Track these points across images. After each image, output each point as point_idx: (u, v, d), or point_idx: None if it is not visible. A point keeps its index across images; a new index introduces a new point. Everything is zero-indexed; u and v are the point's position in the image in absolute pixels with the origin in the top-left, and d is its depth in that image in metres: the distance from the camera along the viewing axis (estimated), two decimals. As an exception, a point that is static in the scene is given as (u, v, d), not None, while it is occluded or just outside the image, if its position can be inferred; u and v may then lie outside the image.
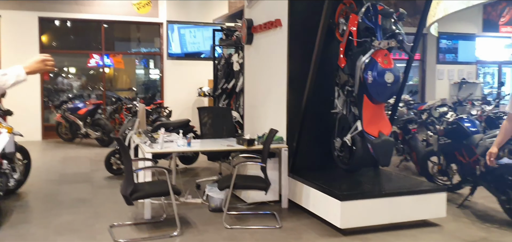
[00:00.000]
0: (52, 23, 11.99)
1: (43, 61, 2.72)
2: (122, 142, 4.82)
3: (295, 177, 5.59)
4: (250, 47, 6.84)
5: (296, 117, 5.59)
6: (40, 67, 2.73)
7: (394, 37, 4.81)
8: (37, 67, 2.72)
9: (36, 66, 2.72)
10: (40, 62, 2.72)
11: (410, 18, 11.65)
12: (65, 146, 10.64)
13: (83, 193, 6.43)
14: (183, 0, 12.41)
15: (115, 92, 12.98)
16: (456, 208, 5.70)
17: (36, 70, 2.73)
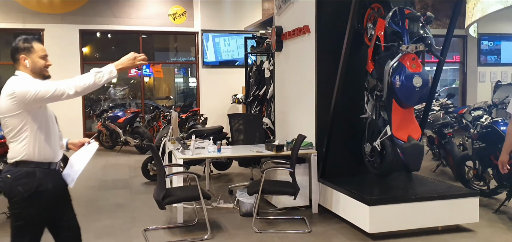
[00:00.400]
0: (92, 35, 12.50)
1: (134, 58, 2.97)
2: (154, 148, 5.00)
3: (325, 182, 5.61)
4: (280, 54, 6.92)
5: (325, 122, 5.61)
6: (131, 64, 2.98)
7: (422, 41, 4.76)
8: (129, 63, 2.97)
9: (128, 63, 2.97)
10: (131, 60, 2.97)
11: (447, 20, 11.39)
12: (106, 154, 11.03)
13: (121, 199, 6.67)
14: (217, 9, 12.65)
15: (153, 101, 13.35)
16: (492, 214, 5.55)
17: (127, 67, 2.98)
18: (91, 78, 2.86)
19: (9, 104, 2.78)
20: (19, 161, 2.83)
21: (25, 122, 2.81)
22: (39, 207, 2.87)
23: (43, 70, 2.98)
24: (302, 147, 5.49)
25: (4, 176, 2.87)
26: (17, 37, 3.00)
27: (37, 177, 2.84)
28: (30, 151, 2.83)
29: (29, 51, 2.94)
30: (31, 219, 2.87)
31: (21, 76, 2.91)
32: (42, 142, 2.88)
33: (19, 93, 2.76)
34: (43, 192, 2.87)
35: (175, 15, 12.44)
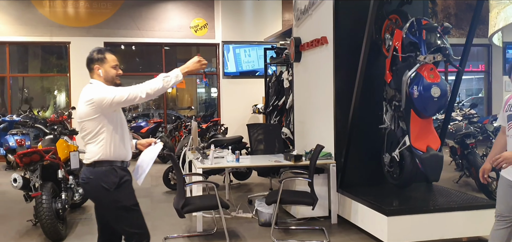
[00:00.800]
0: (117, 47, 12.80)
1: (199, 62, 3.17)
2: (174, 158, 5.10)
3: (344, 192, 5.61)
4: (298, 65, 6.98)
5: (343, 133, 5.62)
6: (196, 67, 3.18)
7: (440, 51, 4.75)
8: (194, 67, 3.18)
9: (193, 66, 3.18)
10: (196, 63, 3.18)
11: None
12: (129, 163, 11.22)
13: (143, 207, 6.61)
14: (237, 21, 12.81)
15: (175, 111, 13.56)
16: (514, 226, 5.44)
17: (192, 70, 3.19)
18: (160, 82, 3.08)
19: (88, 110, 3.05)
20: (96, 161, 3.09)
21: (102, 124, 3.07)
22: (126, 194, 3.17)
23: (114, 78, 3.24)
24: (321, 157, 5.51)
25: (87, 178, 3.12)
26: (92, 49, 3.28)
27: (117, 172, 3.12)
28: (107, 151, 3.08)
29: (102, 61, 3.21)
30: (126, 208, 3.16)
31: (95, 84, 3.17)
32: (117, 142, 3.13)
33: (97, 99, 3.03)
34: (126, 181, 3.18)
35: (197, 27, 12.64)
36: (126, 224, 3.20)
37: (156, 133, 11.28)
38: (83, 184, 3.18)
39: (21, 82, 13.45)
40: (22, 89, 13.52)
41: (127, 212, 3.17)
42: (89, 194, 3.23)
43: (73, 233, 5.53)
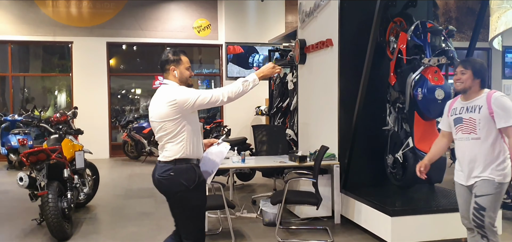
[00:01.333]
0: (119, 47, 12.85)
1: (273, 67, 3.30)
2: (180, 158, 5.13)
3: (348, 193, 5.67)
4: (303, 67, 7.03)
5: (347, 134, 5.68)
6: (271, 72, 3.31)
7: (444, 54, 4.82)
8: (269, 72, 3.30)
9: (268, 71, 3.30)
10: (271, 69, 3.31)
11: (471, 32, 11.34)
12: (131, 164, 11.27)
13: (147, 207, 6.83)
14: (241, 23, 12.86)
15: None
16: (516, 227, 5.52)
17: (267, 75, 3.31)
18: (239, 86, 3.19)
19: (169, 110, 3.14)
20: (178, 158, 3.17)
21: (183, 125, 3.17)
22: (201, 195, 3.28)
23: (188, 79, 3.34)
24: (325, 158, 5.57)
25: (166, 174, 3.20)
26: (166, 50, 3.40)
27: (195, 170, 3.22)
28: (187, 149, 3.19)
29: (178, 62, 3.31)
30: (198, 208, 3.28)
31: (171, 84, 3.27)
32: (195, 142, 3.24)
33: (180, 101, 3.12)
34: (203, 181, 3.29)
35: (200, 28, 12.70)
36: (191, 223, 3.30)
37: (158, 133, 11.31)
38: (160, 179, 3.23)
39: (22, 82, 13.48)
40: (23, 89, 13.54)
41: (196, 211, 3.29)
42: (166, 188, 3.26)
43: (78, 232, 5.57)
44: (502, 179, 3.34)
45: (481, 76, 3.44)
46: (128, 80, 13.80)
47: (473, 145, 3.39)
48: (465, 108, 3.46)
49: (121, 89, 13.65)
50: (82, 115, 9.72)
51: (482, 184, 3.36)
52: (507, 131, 3.30)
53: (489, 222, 3.35)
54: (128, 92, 13.90)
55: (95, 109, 12.02)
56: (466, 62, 3.51)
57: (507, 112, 3.29)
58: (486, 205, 3.33)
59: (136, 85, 14.08)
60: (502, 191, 3.38)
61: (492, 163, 3.34)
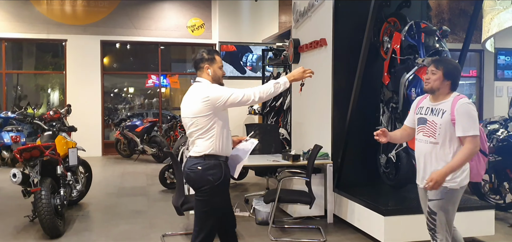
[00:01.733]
0: (113, 46, 12.81)
1: (304, 71, 3.43)
2: (174, 156, 5.14)
3: (340, 192, 5.69)
4: (297, 66, 7.04)
5: (341, 133, 5.70)
6: (301, 76, 3.44)
7: (438, 54, 4.85)
8: (299, 76, 3.43)
9: (299, 75, 3.43)
10: (301, 73, 3.43)
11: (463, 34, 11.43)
12: (124, 162, 11.24)
13: (140, 205, 6.82)
14: (234, 22, 12.86)
15: (170, 111, 13.57)
16: (508, 227, 5.57)
17: (297, 79, 3.45)
18: (271, 87, 3.33)
19: (202, 107, 3.28)
20: (207, 154, 3.31)
21: (214, 121, 3.30)
22: (223, 193, 3.41)
23: (220, 78, 3.47)
24: (318, 157, 5.58)
25: (194, 167, 3.33)
26: (201, 49, 3.50)
27: (222, 167, 3.34)
28: (216, 146, 3.32)
29: (212, 61, 3.43)
30: (216, 205, 3.37)
31: (204, 82, 3.41)
32: (224, 139, 3.36)
33: (212, 98, 3.27)
34: (227, 180, 3.40)
35: (194, 27, 12.69)
36: (206, 219, 3.38)
37: (151, 132, 11.29)
38: (189, 172, 3.37)
39: (15, 80, 13.38)
40: (16, 86, 13.45)
41: (214, 209, 3.37)
42: (193, 182, 3.42)
43: (71, 230, 5.55)
44: (456, 185, 3.28)
45: (452, 78, 3.35)
46: (121, 78, 13.76)
47: (430, 149, 3.34)
48: (430, 110, 3.40)
49: (114, 88, 13.61)
50: (75, 113, 9.68)
51: None
52: (463, 140, 3.23)
53: (440, 226, 3.34)
54: (121, 91, 13.86)
55: (88, 107, 11.97)
56: (439, 62, 3.43)
57: (468, 122, 3.21)
58: (437, 209, 3.32)
59: (129, 83, 14.04)
60: (454, 196, 3.32)
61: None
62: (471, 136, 3.20)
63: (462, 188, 3.32)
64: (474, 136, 3.21)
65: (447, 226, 3.35)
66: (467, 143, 3.21)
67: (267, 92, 3.31)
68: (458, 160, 3.23)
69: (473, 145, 3.21)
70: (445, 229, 3.35)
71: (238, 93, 3.29)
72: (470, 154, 3.23)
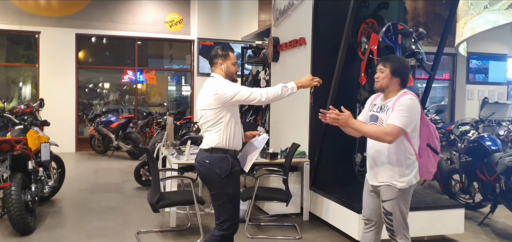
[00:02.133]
0: (88, 39, 12.58)
1: (312, 79, 3.53)
2: (150, 152, 5.08)
3: (316, 190, 5.73)
4: (276, 65, 7.06)
5: (318, 133, 5.74)
6: (309, 84, 3.53)
7: (414, 56, 4.92)
8: (307, 83, 3.53)
9: (307, 83, 3.54)
10: (309, 80, 3.54)
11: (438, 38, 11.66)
12: (98, 158, 11.06)
13: (114, 202, 6.73)
14: (213, 19, 12.81)
15: (146, 108, 13.42)
16: (476, 226, 5.71)
17: (306, 86, 3.54)
18: (279, 90, 3.45)
19: (211, 100, 3.41)
20: (213, 147, 3.44)
21: (222, 115, 3.42)
22: (234, 184, 3.50)
23: (233, 74, 3.59)
24: (295, 156, 5.61)
25: (202, 161, 3.48)
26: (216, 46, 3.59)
27: (229, 160, 3.44)
28: (223, 139, 3.43)
29: (226, 58, 3.55)
30: (230, 196, 3.49)
31: (217, 77, 3.52)
32: (232, 133, 3.47)
33: (220, 93, 3.38)
34: (236, 171, 3.51)
35: (172, 22, 12.58)
36: (224, 209, 3.49)
37: (126, 128, 11.15)
38: (198, 165, 3.53)
39: (-16, 72, 13.01)
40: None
41: (229, 199, 3.48)
42: (202, 175, 3.56)
43: (42, 226, 5.43)
44: (405, 185, 3.32)
45: (400, 75, 3.36)
46: (97, 73, 13.51)
47: (379, 147, 3.38)
48: (380, 108, 3.44)
49: (89, 83, 13.37)
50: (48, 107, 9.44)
51: (385, 189, 3.38)
52: (388, 125, 3.24)
53: (397, 225, 3.39)
54: (96, 86, 13.62)
55: (62, 101, 11.74)
56: (385, 60, 3.46)
57: (400, 112, 3.22)
58: (392, 209, 3.37)
59: (104, 78, 13.81)
60: (405, 195, 3.37)
61: (394, 169, 3.32)
62: (393, 124, 3.22)
63: (411, 186, 3.37)
64: (396, 127, 3.20)
65: (403, 224, 3.40)
66: (386, 127, 3.24)
67: (275, 94, 3.43)
68: (366, 128, 3.36)
69: (390, 131, 3.21)
70: (403, 227, 3.40)
71: (245, 92, 3.39)
72: (380, 134, 3.25)
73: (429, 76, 5.76)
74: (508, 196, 5.28)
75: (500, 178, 5.37)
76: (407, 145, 3.32)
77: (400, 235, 3.41)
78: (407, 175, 3.34)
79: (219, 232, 3.53)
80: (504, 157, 5.27)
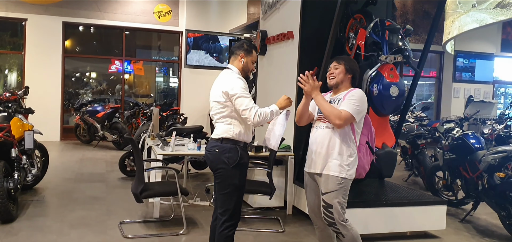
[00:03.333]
0: (76, 28, 12.43)
1: (288, 98, 3.57)
2: (135, 142, 5.05)
3: (300, 184, 5.73)
4: (263, 58, 7.05)
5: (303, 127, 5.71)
6: (287, 104, 3.58)
7: (401, 52, 4.95)
8: (286, 103, 3.57)
9: (285, 103, 3.57)
10: (286, 100, 3.58)
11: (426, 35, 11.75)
12: (83, 148, 10.97)
13: (97, 192, 6.68)
14: (202, 11, 12.73)
15: (133, 98, 13.33)
16: (458, 223, 5.78)
17: (285, 106, 3.57)
18: (268, 114, 3.47)
19: (220, 94, 3.48)
20: (224, 138, 3.49)
21: (231, 110, 3.47)
22: (240, 176, 3.53)
23: (249, 71, 3.67)
24: (280, 149, 5.62)
25: (212, 149, 3.53)
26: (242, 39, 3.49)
27: (239, 151, 3.49)
28: (232, 131, 3.49)
29: (249, 53, 3.63)
30: (235, 186, 3.51)
31: (232, 70, 3.58)
32: (241, 126, 3.51)
33: (225, 90, 3.45)
34: (244, 163, 3.55)
35: (161, 13, 12.48)
36: (228, 199, 3.52)
37: (112, 118, 11.06)
38: (208, 153, 3.58)
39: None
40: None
41: (233, 189, 3.51)
42: (210, 163, 3.58)
43: (24, 215, 5.38)
44: (346, 176, 3.43)
45: (353, 73, 3.55)
46: (84, 62, 13.37)
47: (325, 133, 3.47)
48: (330, 102, 3.55)
49: (76, 72, 13.22)
50: (33, 95, 9.36)
51: (327, 180, 3.44)
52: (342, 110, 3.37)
53: (338, 217, 3.44)
54: (83, 75, 13.48)
55: (48, 90, 11.60)
56: (339, 58, 3.60)
57: (353, 101, 3.38)
58: (331, 201, 3.43)
59: (91, 68, 13.67)
60: (346, 185, 3.48)
61: (338, 158, 3.41)
62: (346, 110, 3.36)
63: (351, 179, 3.50)
64: (348, 113, 3.35)
65: (341, 215, 3.46)
66: (340, 111, 3.36)
67: (264, 119, 3.45)
68: (324, 104, 3.42)
69: (342, 116, 3.35)
70: (342, 218, 3.46)
71: (242, 101, 3.42)
72: (333, 115, 3.36)
73: (415, 73, 5.79)
74: (490, 194, 5.34)
75: (482, 176, 5.43)
76: (352, 138, 3.46)
77: (341, 227, 3.47)
78: (350, 168, 3.45)
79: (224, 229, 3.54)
80: (487, 155, 5.33)
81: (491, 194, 5.32)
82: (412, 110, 10.09)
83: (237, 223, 3.61)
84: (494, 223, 5.74)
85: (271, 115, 3.49)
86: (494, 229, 5.60)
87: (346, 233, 3.48)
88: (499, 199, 5.21)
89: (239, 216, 3.65)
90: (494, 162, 5.24)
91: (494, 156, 5.22)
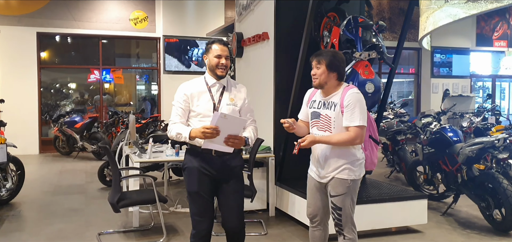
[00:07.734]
0: (51, 39, 12.22)
1: (203, 132, 3.15)
2: (109, 150, 4.95)
3: (282, 185, 5.71)
4: (240, 60, 7.01)
5: (283, 127, 5.67)
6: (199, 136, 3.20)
7: (375, 49, 4.95)
8: (198, 135, 3.20)
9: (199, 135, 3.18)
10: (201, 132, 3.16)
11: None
12: (62, 159, 10.78)
13: (76, 204, 6.54)
14: (179, 15, 12.65)
15: (113, 107, 13.14)
16: (440, 216, 5.80)
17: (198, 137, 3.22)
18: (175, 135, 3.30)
19: None
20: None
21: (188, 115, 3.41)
22: (188, 181, 3.44)
23: (214, 68, 3.39)
24: (260, 151, 5.57)
25: None
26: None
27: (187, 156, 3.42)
28: None
29: (208, 51, 3.44)
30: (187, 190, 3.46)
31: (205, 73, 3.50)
32: None
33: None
34: (187, 169, 3.42)
35: (137, 20, 12.35)
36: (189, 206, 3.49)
37: (91, 128, 10.89)
38: None
39: None
40: None
41: (188, 195, 3.46)
42: None
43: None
44: (355, 177, 3.33)
45: (336, 69, 3.30)
46: (62, 73, 13.14)
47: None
48: (323, 104, 3.38)
49: (55, 83, 12.99)
50: (9, 108, 9.17)
51: (335, 183, 3.33)
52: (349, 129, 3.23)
53: (346, 220, 3.37)
54: (62, 86, 13.24)
55: (24, 102, 11.37)
56: (319, 55, 3.37)
57: (354, 111, 3.20)
58: (342, 204, 3.34)
59: (71, 79, 13.44)
60: (356, 187, 3.39)
61: (345, 163, 3.29)
62: (356, 126, 3.20)
63: (360, 179, 3.39)
64: (359, 126, 3.20)
65: (351, 218, 3.39)
66: (351, 131, 3.22)
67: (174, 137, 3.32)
68: (337, 139, 3.25)
69: (356, 135, 3.20)
70: (350, 221, 3.39)
71: (173, 111, 3.39)
72: (349, 141, 3.22)
73: (390, 69, 5.81)
74: (469, 186, 5.38)
75: (461, 168, 5.46)
76: None
77: (347, 229, 3.39)
78: (357, 169, 3.34)
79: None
80: (465, 147, 5.36)
81: (471, 186, 5.36)
82: (392, 107, 10.16)
83: (197, 234, 3.43)
84: (474, 215, 5.78)
85: (178, 137, 3.29)
86: (475, 220, 5.64)
87: (350, 237, 3.39)
88: (478, 191, 5.25)
89: (196, 226, 3.43)
90: (471, 154, 5.28)
91: (471, 148, 5.25)
